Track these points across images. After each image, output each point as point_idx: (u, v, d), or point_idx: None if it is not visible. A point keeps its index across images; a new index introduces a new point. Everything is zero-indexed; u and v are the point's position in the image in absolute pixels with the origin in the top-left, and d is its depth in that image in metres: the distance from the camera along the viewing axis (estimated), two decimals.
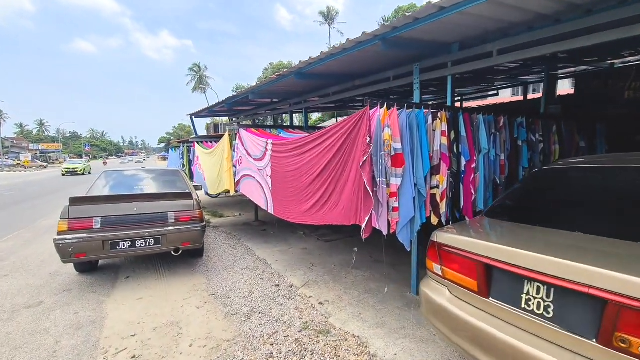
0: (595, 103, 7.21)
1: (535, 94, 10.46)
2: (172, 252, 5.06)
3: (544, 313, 1.89)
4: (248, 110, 10.55)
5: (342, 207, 3.42)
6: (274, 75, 5.05)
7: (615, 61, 7.08)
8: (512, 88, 11.52)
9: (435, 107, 3.54)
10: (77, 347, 3.37)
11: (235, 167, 6.27)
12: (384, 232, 3.19)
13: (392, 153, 3.11)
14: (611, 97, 7.04)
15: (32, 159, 55.77)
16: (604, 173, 2.61)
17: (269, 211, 5.06)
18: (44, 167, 50.73)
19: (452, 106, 3.68)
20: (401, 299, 4.26)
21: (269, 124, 10.89)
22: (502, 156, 4.44)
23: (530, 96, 10.27)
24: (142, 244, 4.82)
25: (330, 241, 7.04)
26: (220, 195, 8.04)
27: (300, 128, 6.69)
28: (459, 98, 10.63)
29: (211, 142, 9.11)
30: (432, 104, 3.53)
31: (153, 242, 4.87)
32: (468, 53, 3.65)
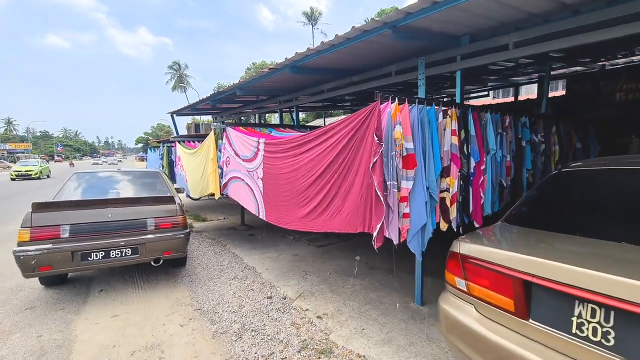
0: (586, 104, 7.20)
1: (526, 95, 10.51)
2: (152, 263, 4.58)
3: (602, 340, 1.61)
4: (233, 108, 10.05)
5: (347, 213, 3.09)
6: (267, 68, 4.66)
7: (606, 63, 7.10)
8: (493, 90, 11.56)
9: (444, 104, 3.26)
10: None
11: (221, 169, 5.82)
12: (395, 241, 2.88)
13: (404, 153, 2.80)
14: (603, 99, 7.04)
15: None
16: (638, 175, 2.39)
17: (260, 216, 4.67)
18: (10, 168, 47.86)
19: (462, 103, 3.43)
20: (405, 311, 3.97)
21: (255, 123, 10.41)
22: (508, 157, 4.24)
23: (517, 98, 10.28)
24: (118, 254, 4.31)
25: (322, 246, 6.70)
26: (202, 197, 7.54)
27: (290, 127, 6.32)
28: (449, 98, 10.54)
29: (194, 142, 8.58)
30: (443, 101, 3.26)
31: (130, 252, 4.38)
32: (480, 46, 3.40)
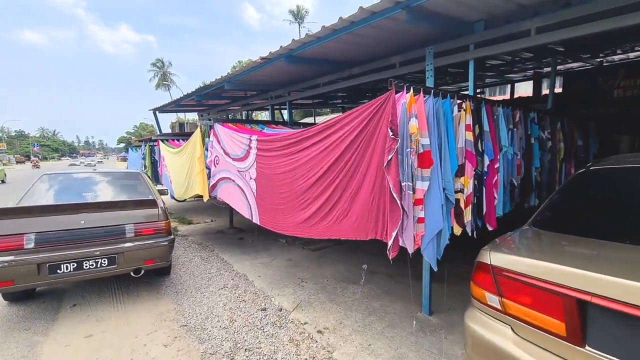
0: (584, 101, 7.09)
1: (518, 94, 10.42)
2: (132, 274, 4.12)
3: None
4: (220, 105, 9.57)
5: (355, 218, 2.75)
6: (259, 58, 4.26)
7: (603, 59, 7.00)
8: (487, 87, 11.46)
9: (459, 97, 2.96)
10: None
11: (209, 169, 5.39)
12: (410, 250, 2.55)
13: (420, 150, 2.48)
14: (601, 96, 6.94)
15: None
16: None
17: (254, 221, 4.28)
18: None
19: (475, 96, 3.15)
20: (412, 321, 3.65)
21: (245, 119, 9.96)
22: (519, 155, 3.98)
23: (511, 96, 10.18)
24: (92, 266, 3.85)
25: (317, 250, 6.34)
26: (188, 199, 7.07)
27: (283, 124, 5.95)
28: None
29: (178, 141, 8.08)
30: (458, 93, 2.95)
31: (107, 263, 3.91)
32: (498, 32, 3.11)
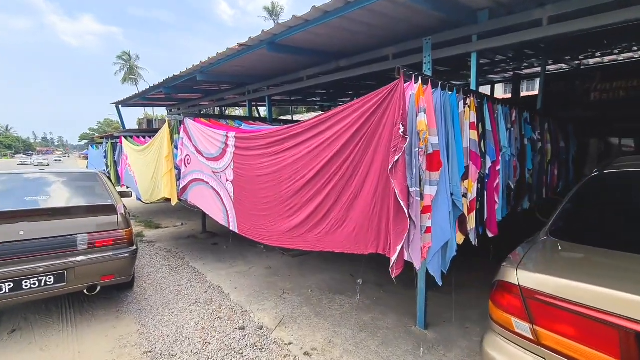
0: (562, 104, 7.16)
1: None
2: (85, 292, 3.54)
3: None
4: (191, 99, 8.89)
5: (353, 228, 2.38)
6: (237, 44, 3.77)
7: (581, 62, 7.10)
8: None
9: (464, 92, 2.67)
10: None
11: (179, 169, 4.83)
12: (417, 265, 2.22)
13: (429, 150, 2.16)
14: (578, 99, 7.03)
15: None
16: None
17: (231, 228, 3.81)
18: None
19: (478, 92, 2.89)
20: (408, 337, 3.35)
21: (220, 115, 9.24)
22: (515, 156, 3.80)
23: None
24: (34, 285, 3.23)
25: (298, 256, 5.93)
26: (155, 201, 6.42)
27: (262, 120, 5.49)
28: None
29: (144, 138, 7.37)
30: (463, 87, 2.67)
31: (53, 280, 3.31)
32: (505, 22, 2.86)
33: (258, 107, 11.08)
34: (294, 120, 7.27)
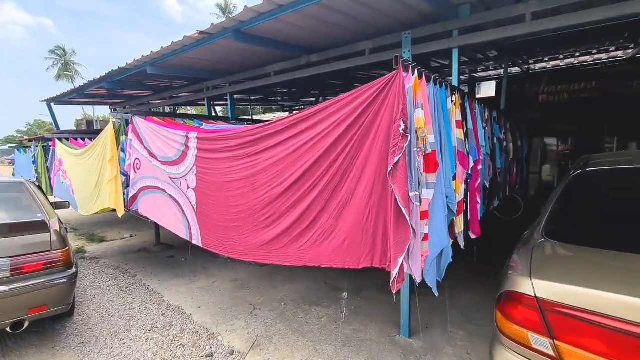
0: (514, 106, 7.57)
1: None
2: (8, 329, 2.88)
3: None
4: (140, 96, 8.03)
5: (343, 239, 2.11)
6: (196, 32, 3.29)
7: (531, 66, 7.56)
8: None
9: (451, 88, 2.54)
10: None
11: (126, 175, 4.21)
12: (418, 277, 2.01)
13: (428, 150, 1.96)
14: (527, 101, 7.47)
15: None
16: None
17: (194, 242, 3.34)
18: None
19: (460, 89, 2.79)
20: (393, 348, 3.17)
21: (176, 113, 8.35)
22: (489, 156, 3.81)
23: None
24: None
25: (266, 265, 5.53)
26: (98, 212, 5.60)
27: (224, 120, 5.01)
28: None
29: (83, 140, 6.46)
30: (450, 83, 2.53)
31: None
32: (487, 17, 2.77)
33: (215, 107, 10.40)
34: (259, 120, 6.82)
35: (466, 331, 3.46)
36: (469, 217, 3.07)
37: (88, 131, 7.90)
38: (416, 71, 1.97)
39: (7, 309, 2.78)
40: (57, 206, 5.27)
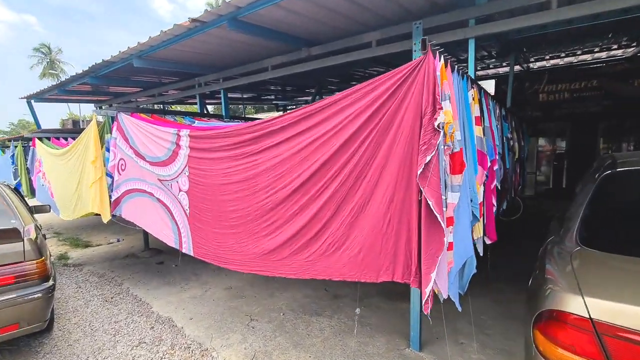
0: (514, 105, 7.45)
1: None
2: None
3: None
4: (127, 94, 7.65)
5: (358, 249, 1.86)
6: (188, 20, 2.99)
7: (530, 64, 7.44)
8: None
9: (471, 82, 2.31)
10: None
11: (111, 177, 3.88)
12: (444, 294, 1.77)
13: (456, 148, 1.73)
14: (527, 99, 7.35)
15: None
16: None
17: (184, 251, 3.04)
18: None
19: (477, 82, 2.57)
20: None
21: (165, 110, 7.91)
22: (500, 155, 3.60)
23: None
24: None
25: None
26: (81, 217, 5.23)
27: (217, 117, 4.71)
28: None
29: (66, 140, 6.08)
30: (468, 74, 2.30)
31: None
32: (505, 5, 2.54)
33: (206, 106, 10.04)
34: (252, 119, 6.49)
35: (479, 342, 3.25)
36: (485, 221, 2.85)
37: (70, 130, 7.48)
38: (442, 58, 1.74)
39: None
40: (37, 210, 4.90)
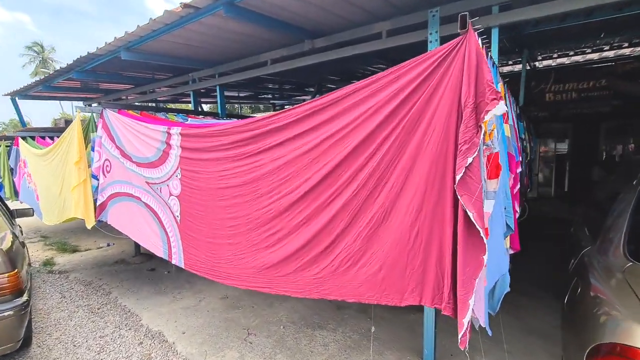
0: (518, 103, 7.24)
1: None
2: None
3: None
4: (117, 90, 7.31)
5: (378, 266, 1.58)
6: (180, 6, 2.68)
7: (537, 63, 7.22)
8: None
9: None
10: None
11: (96, 179, 3.57)
12: (482, 321, 1.50)
13: (496, 149, 1.46)
14: (533, 98, 7.14)
15: None
16: None
17: (174, 262, 2.74)
18: None
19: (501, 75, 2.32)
20: None
21: (157, 107, 7.53)
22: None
23: None
24: None
25: None
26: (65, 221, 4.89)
27: (212, 115, 4.41)
28: None
29: (52, 139, 5.74)
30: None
31: None
32: None
33: (201, 104, 9.70)
34: (248, 117, 6.18)
35: (495, 358, 3.00)
36: None
37: (56, 129, 7.11)
38: (480, 41, 1.48)
39: None
40: (20, 214, 4.58)
